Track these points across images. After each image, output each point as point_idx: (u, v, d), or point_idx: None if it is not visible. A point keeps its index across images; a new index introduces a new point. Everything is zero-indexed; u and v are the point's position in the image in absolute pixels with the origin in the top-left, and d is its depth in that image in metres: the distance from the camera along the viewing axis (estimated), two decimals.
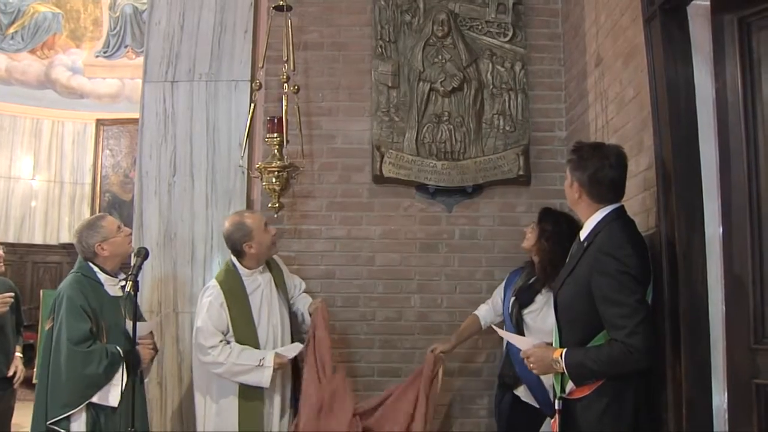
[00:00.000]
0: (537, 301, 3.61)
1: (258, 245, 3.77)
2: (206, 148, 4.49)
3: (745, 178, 2.59)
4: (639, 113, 3.16)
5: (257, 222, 3.80)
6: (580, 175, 2.76)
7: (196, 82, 4.58)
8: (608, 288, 2.55)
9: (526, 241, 3.69)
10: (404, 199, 4.46)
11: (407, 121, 4.43)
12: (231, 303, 3.69)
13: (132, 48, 10.82)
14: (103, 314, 3.55)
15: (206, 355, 3.63)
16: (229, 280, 3.76)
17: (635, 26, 3.18)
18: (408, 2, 4.55)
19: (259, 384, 3.62)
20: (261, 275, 3.82)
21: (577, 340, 2.67)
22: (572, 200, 2.84)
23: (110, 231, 3.70)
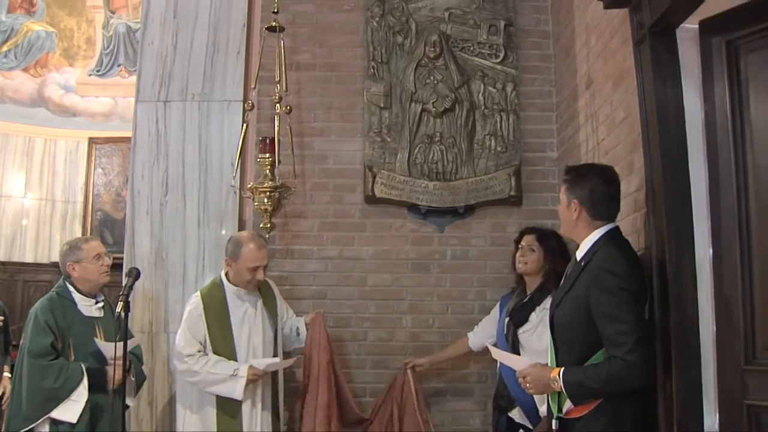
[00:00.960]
0: (531, 320, 3.61)
1: (235, 273, 3.73)
2: (198, 168, 4.49)
3: (735, 200, 2.61)
4: (629, 135, 3.18)
5: (251, 257, 3.68)
6: (579, 191, 2.79)
7: (189, 102, 4.59)
8: (608, 304, 2.55)
9: (526, 265, 3.69)
10: (396, 220, 4.46)
11: (399, 142, 4.45)
12: (209, 314, 3.66)
13: (125, 67, 10.84)
14: (73, 332, 3.59)
15: (182, 362, 3.61)
16: (212, 293, 3.74)
17: (625, 49, 3.20)
18: (400, 23, 4.59)
19: (231, 395, 3.56)
20: (248, 295, 3.78)
21: (574, 359, 2.67)
22: (569, 222, 2.84)
23: (87, 255, 3.75)
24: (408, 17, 4.59)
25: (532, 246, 3.68)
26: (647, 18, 2.83)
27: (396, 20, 4.59)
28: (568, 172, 2.92)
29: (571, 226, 2.85)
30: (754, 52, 2.62)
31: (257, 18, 4.66)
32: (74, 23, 10.94)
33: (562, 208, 2.87)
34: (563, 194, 2.86)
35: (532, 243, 3.69)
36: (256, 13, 4.69)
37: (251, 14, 4.72)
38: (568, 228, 2.89)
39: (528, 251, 3.68)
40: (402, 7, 4.60)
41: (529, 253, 3.67)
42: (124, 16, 10.78)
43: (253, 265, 3.67)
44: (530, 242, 3.70)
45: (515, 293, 3.80)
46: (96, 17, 10.82)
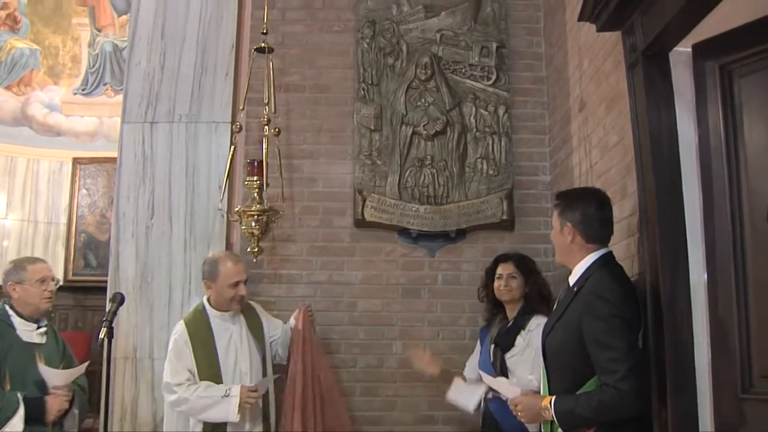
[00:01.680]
0: (518, 344, 3.62)
1: (216, 293, 3.72)
2: (185, 191, 4.49)
3: (729, 224, 2.62)
4: (622, 159, 3.20)
5: (229, 273, 3.70)
6: (571, 215, 2.80)
7: (176, 124, 4.60)
8: (600, 331, 2.55)
9: (511, 292, 3.71)
10: (386, 244, 4.46)
11: (390, 165, 4.47)
12: (195, 342, 3.64)
13: (111, 86, 10.82)
14: (9, 358, 3.43)
15: (171, 393, 3.56)
16: (196, 320, 3.72)
17: (618, 72, 3.23)
18: (391, 45, 4.62)
19: (226, 418, 3.50)
20: (232, 318, 3.76)
21: (567, 387, 2.66)
22: (563, 246, 2.85)
23: (30, 277, 3.61)
24: (399, 39, 4.63)
25: (513, 273, 3.71)
26: (640, 41, 2.86)
27: (387, 42, 4.63)
28: (559, 197, 2.96)
29: (566, 251, 2.85)
30: (748, 76, 2.65)
31: (246, 39, 4.69)
32: (59, 41, 10.93)
33: (555, 233, 2.88)
34: (556, 219, 2.87)
35: (512, 270, 3.72)
36: (245, 33, 4.72)
37: (240, 35, 4.74)
38: (562, 253, 2.89)
39: (509, 279, 3.71)
40: (393, 28, 4.64)
41: (511, 280, 3.70)
42: (111, 34, 10.79)
43: (233, 281, 3.68)
44: (509, 270, 3.73)
45: (495, 321, 3.81)
46: (82, 35, 10.82)
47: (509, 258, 3.80)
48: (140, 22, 4.77)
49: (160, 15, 4.77)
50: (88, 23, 10.87)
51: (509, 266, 3.74)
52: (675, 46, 2.81)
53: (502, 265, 3.77)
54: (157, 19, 4.76)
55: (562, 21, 4.26)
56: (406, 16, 4.67)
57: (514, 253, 3.86)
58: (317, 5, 4.75)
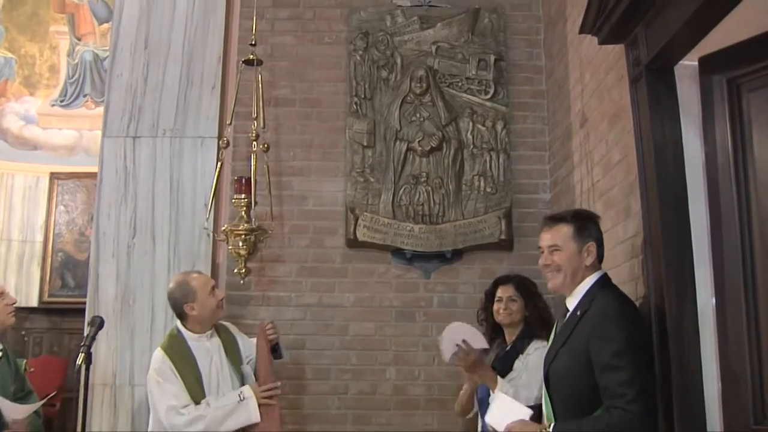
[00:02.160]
0: (516, 368, 3.60)
1: (201, 308, 3.69)
2: (169, 209, 4.49)
3: (738, 245, 2.60)
4: (626, 176, 3.21)
5: (203, 283, 3.71)
6: (595, 232, 2.83)
7: (160, 138, 4.60)
8: (610, 354, 2.53)
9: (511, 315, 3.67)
10: (379, 265, 4.46)
11: (383, 182, 4.48)
12: (180, 368, 3.59)
13: (91, 98, 10.80)
14: None
15: (180, 415, 3.50)
16: (174, 346, 3.68)
17: (621, 86, 3.24)
18: (385, 57, 4.65)
19: (249, 420, 3.52)
20: (209, 340, 3.74)
21: (574, 416, 2.64)
22: (576, 269, 2.78)
23: None
24: (393, 51, 4.66)
25: (513, 296, 3.69)
26: (644, 54, 2.86)
27: (380, 54, 4.65)
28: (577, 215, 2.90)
29: (574, 274, 2.79)
30: (757, 91, 2.65)
31: (234, 50, 4.71)
32: (36, 49, 10.91)
33: (569, 255, 2.80)
34: (571, 240, 2.80)
35: (512, 293, 3.70)
36: (233, 45, 4.74)
37: (227, 46, 4.76)
38: (570, 277, 2.81)
39: (509, 302, 3.69)
40: (387, 40, 4.67)
41: (511, 303, 3.68)
42: (91, 43, 10.78)
43: (209, 287, 3.68)
44: (509, 292, 3.70)
45: (494, 346, 3.80)
46: (60, 44, 10.80)
47: (509, 280, 3.78)
48: (123, 31, 4.78)
49: (143, 24, 4.79)
50: (67, 31, 10.85)
51: (509, 289, 3.72)
52: (680, 60, 2.81)
53: (502, 288, 3.74)
54: (141, 29, 4.78)
55: (562, 33, 4.29)
56: (400, 28, 4.70)
57: (515, 275, 3.84)
58: (308, 16, 4.78)
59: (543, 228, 2.93)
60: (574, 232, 2.82)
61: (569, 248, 2.81)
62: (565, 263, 2.82)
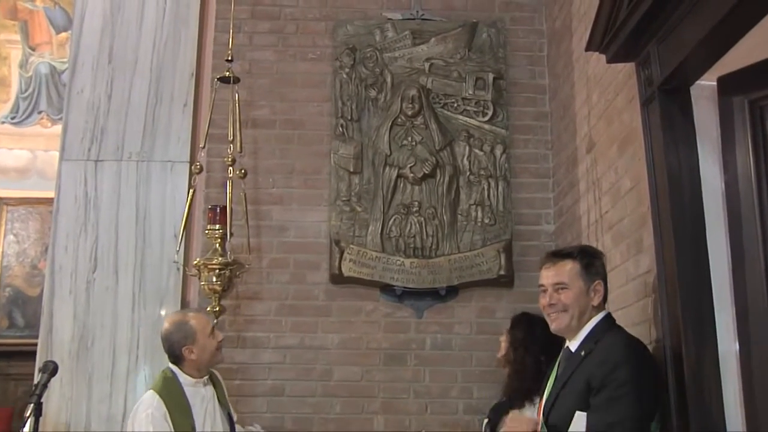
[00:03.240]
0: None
1: (200, 351, 3.68)
2: (135, 240, 4.47)
3: (763, 283, 2.59)
4: (637, 207, 3.22)
5: (203, 324, 3.71)
6: (602, 269, 2.88)
7: (125, 162, 4.59)
8: (605, 399, 2.55)
9: (499, 352, 3.75)
10: (367, 303, 4.46)
11: (371, 212, 4.49)
12: (175, 416, 3.57)
13: (47, 115, 10.74)
14: None
15: None
16: (171, 390, 3.65)
17: (631, 108, 3.26)
18: (374, 75, 4.68)
19: None
20: (204, 388, 3.73)
21: None
22: (583, 308, 2.82)
23: None
24: (383, 68, 4.69)
25: (506, 332, 3.73)
26: (657, 74, 2.88)
27: (369, 72, 4.68)
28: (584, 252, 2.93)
29: (581, 315, 2.82)
30: None
31: (208, 66, 4.73)
32: None
33: (576, 293, 2.83)
34: (578, 278, 2.84)
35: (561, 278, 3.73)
36: (207, 60, 4.76)
37: (201, 61, 4.78)
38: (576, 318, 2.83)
39: (504, 338, 3.73)
40: (376, 56, 4.70)
41: (503, 340, 3.72)
42: (47, 54, 10.75)
43: (209, 329, 3.69)
44: (554, 279, 3.74)
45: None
46: (12, 54, 10.75)
47: (514, 316, 3.79)
48: (83, 42, 4.78)
49: (107, 35, 4.79)
50: (20, 40, 10.84)
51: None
52: (697, 80, 2.82)
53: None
54: (104, 41, 4.78)
55: (568, 49, 4.33)
56: (390, 43, 4.74)
57: (524, 313, 3.77)
58: (290, 29, 4.81)
59: (544, 264, 2.95)
60: (582, 270, 2.85)
61: (577, 286, 2.83)
62: (572, 303, 2.84)
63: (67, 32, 9.18)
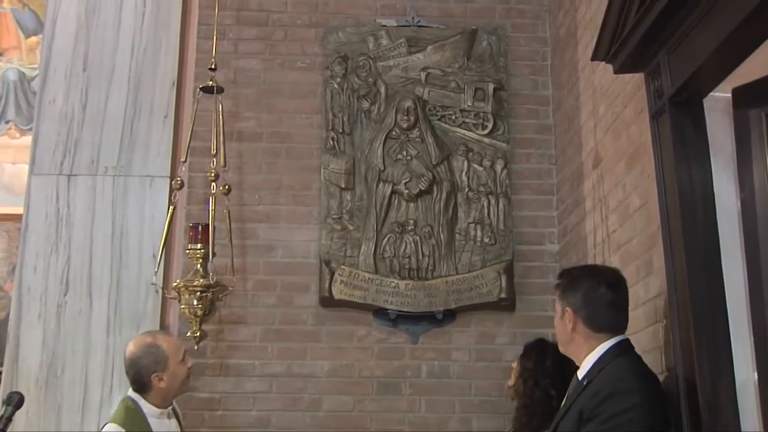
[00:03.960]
0: None
1: (170, 378, 3.64)
2: (110, 260, 4.46)
3: None
4: (647, 226, 3.22)
5: (175, 349, 3.66)
6: (572, 297, 2.84)
7: (101, 177, 4.58)
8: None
9: (509, 380, 3.75)
10: (359, 327, 4.45)
11: (364, 231, 4.49)
12: None
13: (16, 125, 10.70)
14: None
15: None
16: (135, 422, 3.59)
17: (640, 121, 3.27)
18: (367, 86, 4.69)
19: None
20: (169, 420, 3.69)
21: None
22: (565, 337, 2.87)
23: None
24: (376, 78, 4.70)
25: (513, 362, 3.74)
26: (667, 85, 2.88)
27: (362, 81, 4.69)
28: (562, 274, 3.02)
29: (567, 341, 2.88)
30: None
31: (190, 75, 4.74)
32: None
33: (556, 320, 2.93)
34: (557, 302, 2.92)
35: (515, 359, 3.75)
36: (189, 68, 4.77)
37: (182, 70, 4.79)
38: (564, 343, 2.92)
39: (515, 365, 3.73)
40: (369, 65, 4.71)
41: (514, 367, 3.72)
42: (16, 59, 10.72)
43: (181, 354, 3.65)
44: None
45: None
46: None
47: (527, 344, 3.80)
48: (56, 48, 4.79)
49: (81, 41, 4.80)
50: None
51: None
52: (710, 91, 2.81)
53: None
54: (78, 47, 4.79)
55: (573, 58, 4.35)
56: (384, 51, 4.75)
57: (540, 340, 3.80)
58: (278, 36, 4.82)
59: None
60: (559, 295, 2.92)
61: (558, 311, 2.93)
62: (556, 327, 2.96)
63: (37, 36, 9.18)
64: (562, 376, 3.43)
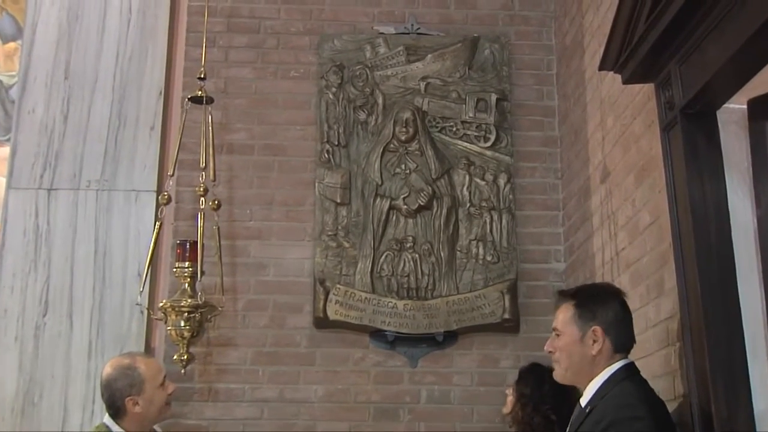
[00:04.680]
0: None
1: (147, 404, 3.61)
2: (93, 279, 4.45)
3: None
4: (658, 244, 3.21)
5: (153, 371, 3.66)
6: (602, 315, 2.78)
7: (83, 191, 4.59)
8: None
9: (504, 407, 3.74)
10: (355, 350, 4.44)
11: (360, 248, 4.48)
12: None
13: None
14: None
15: None
16: None
17: (650, 134, 3.27)
18: (363, 96, 4.69)
19: None
20: None
21: None
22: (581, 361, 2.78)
23: None
24: (373, 88, 4.71)
25: (513, 385, 3.72)
26: (679, 96, 2.87)
27: (358, 92, 4.70)
28: (574, 294, 2.92)
29: (583, 365, 2.80)
30: None
31: (178, 84, 4.75)
32: None
33: (569, 342, 2.82)
34: (570, 323, 2.82)
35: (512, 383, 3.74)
36: (177, 77, 4.78)
37: (170, 79, 4.80)
38: (576, 368, 2.83)
39: (510, 391, 3.73)
40: (366, 75, 4.72)
41: (510, 393, 3.72)
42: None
43: (160, 378, 3.64)
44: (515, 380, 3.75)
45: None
46: None
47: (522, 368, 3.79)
48: (36, 55, 4.81)
49: (63, 48, 4.81)
50: None
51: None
52: (725, 103, 2.81)
53: None
54: (59, 54, 4.80)
55: (579, 68, 4.36)
56: (382, 60, 4.76)
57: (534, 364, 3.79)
58: (270, 44, 4.83)
59: (555, 305, 2.96)
60: (575, 313, 2.82)
61: (568, 333, 2.83)
62: (562, 351, 2.85)
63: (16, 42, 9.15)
64: (562, 400, 3.43)
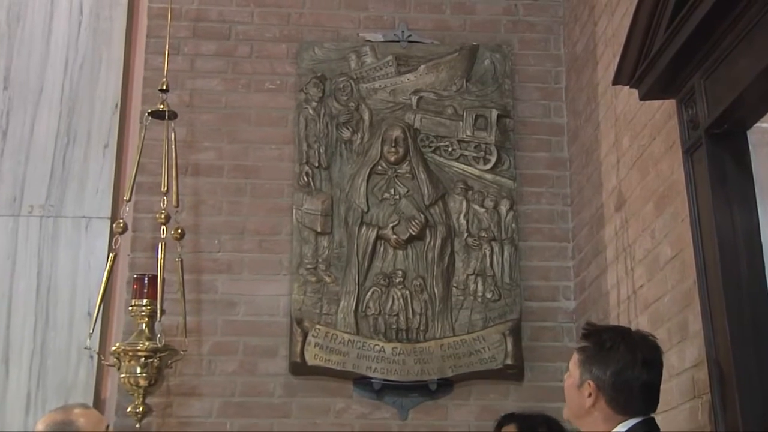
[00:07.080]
0: None
1: None
2: (34, 319, 4.44)
3: None
4: (681, 281, 3.22)
5: (93, 423, 3.54)
6: (598, 371, 2.73)
7: (24, 218, 4.58)
8: None
9: None
10: (337, 399, 4.43)
11: (343, 284, 4.49)
12: None
13: None
14: None
15: None
16: None
17: (672, 156, 3.29)
18: (348, 111, 4.72)
19: None
20: None
21: None
22: (579, 408, 2.78)
23: None
24: (359, 103, 4.74)
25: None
26: (704, 114, 2.89)
27: (342, 106, 4.72)
28: (589, 334, 2.87)
29: (581, 414, 2.80)
30: None
31: (136, 97, 4.75)
32: None
33: (570, 384, 2.82)
34: (574, 365, 2.82)
35: None
36: (135, 89, 4.78)
37: (127, 91, 4.81)
38: (575, 414, 2.84)
39: None
40: (350, 87, 4.75)
41: None
42: None
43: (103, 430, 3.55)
44: None
45: None
46: None
47: (513, 419, 3.80)
48: None
49: (1, 54, 4.80)
50: None
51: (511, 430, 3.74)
52: (756, 122, 2.84)
53: (505, 429, 3.76)
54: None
55: (591, 81, 4.38)
56: (369, 71, 4.79)
57: (524, 414, 3.83)
58: (242, 52, 4.85)
59: None
60: (580, 360, 2.80)
61: (572, 376, 2.83)
62: (567, 392, 2.86)
63: None
64: None
